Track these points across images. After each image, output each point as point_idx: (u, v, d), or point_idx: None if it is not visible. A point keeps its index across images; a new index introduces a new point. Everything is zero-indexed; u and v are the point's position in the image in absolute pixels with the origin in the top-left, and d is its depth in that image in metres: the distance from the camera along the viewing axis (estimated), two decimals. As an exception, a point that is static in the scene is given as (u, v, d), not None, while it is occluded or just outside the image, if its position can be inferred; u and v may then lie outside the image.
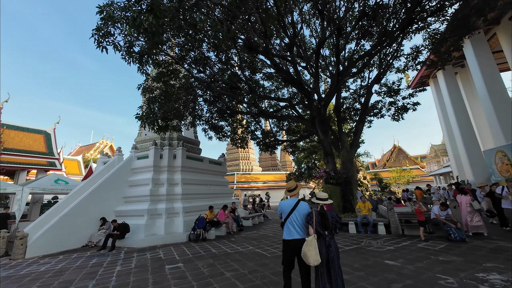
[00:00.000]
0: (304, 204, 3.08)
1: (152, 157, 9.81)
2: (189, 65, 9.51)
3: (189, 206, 9.58)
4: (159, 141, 11.41)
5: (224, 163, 13.93)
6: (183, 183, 9.91)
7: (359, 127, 10.47)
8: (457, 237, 5.75)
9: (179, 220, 8.86)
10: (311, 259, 2.64)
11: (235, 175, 33.32)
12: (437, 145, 43.61)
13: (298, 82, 8.47)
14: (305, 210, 3.02)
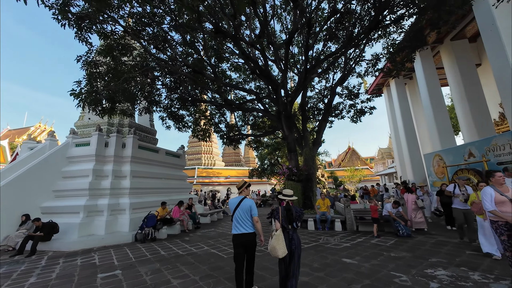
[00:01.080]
0: (247, 201, 3.22)
1: (94, 145, 8.39)
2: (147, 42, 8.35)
3: (139, 201, 8.49)
4: (105, 127, 9.89)
5: (183, 156, 12.91)
6: (132, 175, 8.74)
7: (322, 125, 10.67)
8: (405, 233, 6.14)
9: (125, 218, 7.74)
10: (279, 252, 2.84)
11: (196, 170, 31.92)
12: (383, 148, 48.74)
13: (266, 73, 8.10)
14: (247, 206, 3.18)
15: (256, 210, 3.23)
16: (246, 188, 3.45)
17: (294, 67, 13.70)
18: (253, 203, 3.25)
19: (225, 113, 14.36)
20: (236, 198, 3.35)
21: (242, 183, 3.47)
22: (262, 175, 20.96)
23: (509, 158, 7.12)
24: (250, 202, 3.22)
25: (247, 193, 3.44)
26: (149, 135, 11.80)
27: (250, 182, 3.71)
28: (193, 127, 13.04)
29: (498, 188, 3.21)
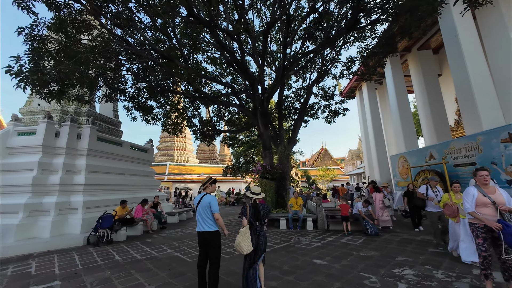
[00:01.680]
0: (207, 198, 3.08)
1: (42, 134, 7.28)
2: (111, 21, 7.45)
3: (95, 200, 7.58)
4: (57, 115, 8.69)
5: (151, 151, 11.99)
6: (88, 170, 7.77)
7: (297, 124, 10.62)
8: (373, 231, 6.25)
9: (77, 218, 6.82)
10: (244, 248, 2.88)
11: (167, 166, 30.40)
12: (353, 150, 51.42)
13: (243, 66, 7.73)
14: (206, 203, 3.04)
15: (216, 206, 3.03)
16: (210, 184, 3.25)
17: (272, 65, 13.55)
18: (214, 199, 3.08)
19: (199, 107, 13.69)
20: (199, 195, 3.20)
21: (207, 179, 3.29)
22: (236, 173, 20.57)
23: (465, 160, 7.69)
24: (210, 198, 3.06)
25: (212, 189, 3.26)
26: (112, 126, 10.70)
27: (216, 179, 3.49)
28: (164, 120, 12.20)
29: (482, 188, 2.94)
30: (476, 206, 2.90)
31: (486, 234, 2.82)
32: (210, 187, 3.22)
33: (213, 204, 3.00)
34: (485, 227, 2.83)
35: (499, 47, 8.58)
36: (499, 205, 2.75)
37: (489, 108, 8.39)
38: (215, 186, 3.32)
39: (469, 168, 7.51)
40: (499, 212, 2.73)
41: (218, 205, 3.08)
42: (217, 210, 3.00)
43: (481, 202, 2.86)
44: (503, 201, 2.78)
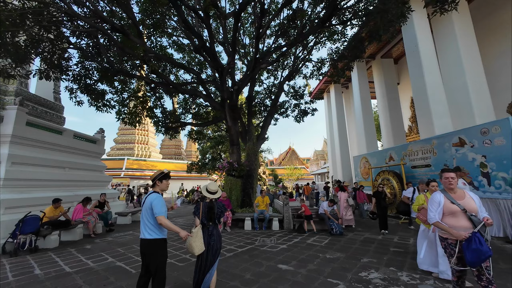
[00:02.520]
0: (150, 197, 2.51)
1: None
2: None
3: (20, 198, 6.15)
4: None
5: (102, 142, 10.51)
6: (11, 161, 6.29)
7: (267, 120, 10.30)
8: (338, 231, 6.18)
9: (-11, 221, 5.41)
10: (196, 249, 2.68)
11: (125, 160, 27.74)
12: (318, 151, 53.84)
13: (212, 52, 7.03)
14: (148, 204, 2.47)
15: (159, 207, 2.42)
16: (160, 181, 2.62)
17: (244, 59, 13.03)
18: (158, 198, 2.48)
19: (163, 97, 12.48)
20: (146, 194, 2.65)
21: (156, 174, 2.67)
22: (202, 170, 19.56)
23: (421, 162, 8.20)
24: (153, 197, 2.48)
25: (162, 187, 2.65)
26: (50, 111, 9.02)
27: (169, 174, 2.76)
28: (119, 107, 10.76)
29: (449, 193, 2.48)
30: (443, 216, 2.43)
31: (460, 253, 2.30)
32: (160, 184, 2.60)
33: (155, 205, 2.40)
34: (457, 242, 2.32)
35: (450, 59, 9.38)
36: (471, 212, 2.31)
37: (441, 115, 9.11)
38: (167, 183, 2.66)
39: (425, 169, 8.02)
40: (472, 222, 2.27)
41: (164, 206, 2.46)
42: (161, 212, 2.39)
43: (448, 211, 2.39)
44: (474, 207, 2.33)
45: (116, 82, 10.42)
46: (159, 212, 2.38)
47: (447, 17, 9.57)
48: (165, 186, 2.64)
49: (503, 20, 9.83)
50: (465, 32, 9.21)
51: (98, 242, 5.98)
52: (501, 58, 9.81)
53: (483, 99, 8.62)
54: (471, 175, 6.49)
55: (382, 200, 5.68)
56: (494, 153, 5.84)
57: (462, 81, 8.86)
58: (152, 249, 2.38)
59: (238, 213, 7.74)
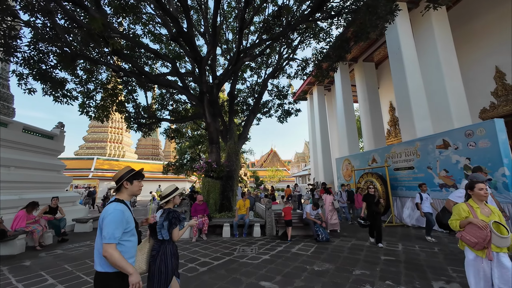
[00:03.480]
0: (104, 211, 1.71)
1: None
2: None
3: None
4: None
5: (61, 138, 9.22)
6: None
7: (250, 118, 9.73)
8: (324, 237, 5.73)
9: None
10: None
11: (94, 160, 25.53)
12: (299, 153, 54.45)
13: (189, 39, 6.29)
14: (99, 221, 1.70)
15: (111, 228, 1.59)
16: (130, 182, 1.84)
17: (227, 54, 12.40)
18: (114, 213, 1.65)
19: (136, 90, 11.38)
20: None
21: (123, 172, 1.85)
22: (179, 171, 18.44)
23: (404, 164, 8.11)
24: (108, 211, 1.67)
25: (133, 190, 1.86)
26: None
27: (141, 172, 1.97)
28: (83, 100, 9.54)
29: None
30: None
31: None
32: (128, 186, 1.83)
33: (106, 224, 1.61)
34: None
35: (430, 63, 9.54)
36: None
37: (422, 118, 9.17)
38: (140, 185, 1.89)
39: (408, 172, 7.92)
40: None
41: (120, 226, 1.63)
42: (111, 236, 1.58)
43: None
44: None
45: (81, 71, 9.26)
46: (109, 236, 1.57)
47: (427, 21, 9.78)
48: (137, 189, 1.87)
49: (476, 30, 10.24)
50: (444, 38, 9.42)
51: (43, 256, 4.93)
52: (475, 66, 10.19)
53: (460, 103, 8.81)
54: (454, 178, 6.43)
55: (373, 205, 5.24)
56: (478, 156, 5.79)
57: (441, 85, 9.01)
58: (102, 287, 1.64)
59: (216, 218, 7.03)
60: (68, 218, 7.70)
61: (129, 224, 1.71)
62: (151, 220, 2.26)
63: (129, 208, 1.79)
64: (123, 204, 1.72)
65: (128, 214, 1.72)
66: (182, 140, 19.51)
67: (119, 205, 1.69)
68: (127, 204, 1.78)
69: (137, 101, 11.08)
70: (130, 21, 9.97)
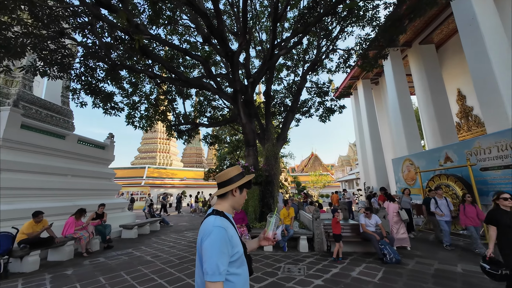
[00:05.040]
0: (203, 229, 1.15)
1: None
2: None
3: (8, 209, 5.36)
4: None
5: (111, 148, 9.84)
6: (1, 168, 5.58)
7: (288, 117, 8.90)
8: (393, 258, 4.45)
9: (-37, 238, 4.61)
10: None
11: (145, 169, 27.80)
12: (343, 156, 50.60)
13: (219, 32, 5.89)
14: (198, 243, 1.15)
15: (213, 259, 1.05)
16: (238, 190, 1.31)
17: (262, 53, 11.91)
18: (217, 235, 1.09)
19: (175, 99, 11.76)
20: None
21: (234, 174, 1.32)
22: (220, 177, 18.48)
23: (498, 162, 6.14)
24: (207, 229, 1.13)
25: (236, 202, 1.32)
26: (57, 115, 8.53)
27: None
28: (129, 111, 10.12)
29: None
30: None
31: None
32: (236, 194, 1.30)
33: (206, 250, 1.07)
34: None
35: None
36: None
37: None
38: (245, 196, 1.35)
39: (504, 172, 5.97)
40: None
41: (225, 255, 1.07)
42: (215, 271, 1.03)
43: None
44: None
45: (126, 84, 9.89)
46: (212, 271, 1.03)
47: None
48: (243, 202, 1.35)
49: None
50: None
51: (86, 264, 4.92)
52: None
53: None
54: None
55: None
56: None
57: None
58: None
59: (255, 228, 6.32)
60: (116, 224, 7.99)
61: (236, 248, 1.14)
62: (270, 238, 1.43)
63: (232, 224, 1.22)
64: (225, 219, 1.18)
65: (232, 232, 1.16)
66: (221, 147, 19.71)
67: (220, 220, 1.15)
68: (230, 219, 1.23)
69: (176, 110, 11.37)
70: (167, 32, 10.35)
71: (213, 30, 5.75)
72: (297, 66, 12.93)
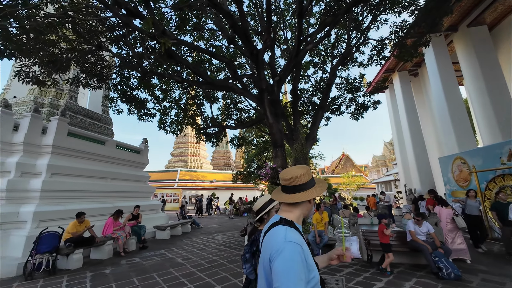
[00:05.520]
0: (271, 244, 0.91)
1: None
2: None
3: (55, 210, 5.87)
4: (29, 106, 7.33)
5: (145, 152, 10.38)
6: (51, 172, 6.15)
7: (318, 115, 8.42)
8: (451, 273, 3.78)
9: (21, 235, 5.12)
10: None
11: (178, 172, 29.13)
12: (378, 156, 47.15)
13: (243, 30, 5.76)
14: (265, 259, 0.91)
15: (289, 281, 0.80)
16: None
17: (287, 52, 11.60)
18: (289, 250, 0.85)
19: (203, 104, 12.05)
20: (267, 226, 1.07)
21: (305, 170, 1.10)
22: (248, 179, 18.49)
23: None
24: (276, 245, 0.88)
25: (307, 210, 1.09)
26: (98, 123, 9.25)
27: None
28: (161, 116, 10.62)
29: None
30: None
31: None
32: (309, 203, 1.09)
33: (278, 272, 0.83)
34: None
35: None
36: None
37: None
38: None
39: None
40: None
41: (301, 274, 0.83)
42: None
43: None
44: None
45: (158, 91, 10.40)
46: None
47: None
48: (311, 208, 1.17)
49: None
50: None
51: (123, 264, 5.11)
52: None
53: None
54: None
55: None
56: None
57: None
58: None
59: (286, 233, 6.00)
60: (151, 225, 8.32)
61: (313, 272, 0.91)
62: (346, 255, 1.17)
63: (303, 238, 1.01)
64: (297, 232, 0.97)
65: (307, 249, 0.94)
66: (248, 149, 19.73)
67: (293, 233, 0.93)
68: (301, 231, 1.02)
69: (204, 114, 11.62)
70: (194, 38, 10.64)
71: (237, 29, 5.67)
72: (325, 62, 12.35)
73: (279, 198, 1.10)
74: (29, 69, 5.57)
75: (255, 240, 1.69)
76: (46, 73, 5.94)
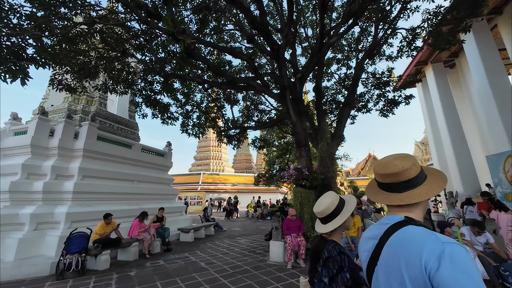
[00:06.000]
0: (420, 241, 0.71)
1: (32, 132, 6.22)
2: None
3: (86, 211, 6.09)
4: (78, 116, 7.84)
5: (169, 155, 10.57)
6: (82, 175, 6.42)
7: (344, 112, 7.88)
8: (522, 293, 3.12)
9: (54, 235, 5.35)
10: None
11: (201, 175, 29.70)
12: (409, 157, 43.92)
13: (263, 27, 5.54)
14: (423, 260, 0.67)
15: (475, 273, 0.64)
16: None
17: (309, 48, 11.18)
18: (458, 251, 0.67)
19: (224, 106, 12.07)
20: (374, 227, 0.92)
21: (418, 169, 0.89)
22: (270, 181, 18.17)
23: None
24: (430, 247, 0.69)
25: (423, 208, 0.89)
26: (126, 128, 9.62)
27: None
28: (183, 120, 10.79)
29: None
30: None
31: None
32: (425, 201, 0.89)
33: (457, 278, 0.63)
34: None
35: None
36: None
37: None
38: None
39: None
40: None
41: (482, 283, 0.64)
42: None
43: None
44: None
45: (180, 95, 10.61)
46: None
47: None
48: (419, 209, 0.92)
49: None
50: None
51: (148, 266, 5.08)
52: None
53: None
54: None
55: None
56: None
57: None
58: None
59: (313, 238, 5.58)
60: (175, 227, 8.37)
61: None
62: None
63: None
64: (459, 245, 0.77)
65: None
66: (270, 151, 19.42)
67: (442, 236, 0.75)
68: None
69: (225, 116, 11.60)
70: (214, 41, 10.71)
71: (256, 25, 5.47)
72: (349, 57, 11.73)
73: (386, 199, 0.89)
74: (62, 77, 5.90)
75: (332, 258, 1.31)
76: (77, 80, 6.26)
